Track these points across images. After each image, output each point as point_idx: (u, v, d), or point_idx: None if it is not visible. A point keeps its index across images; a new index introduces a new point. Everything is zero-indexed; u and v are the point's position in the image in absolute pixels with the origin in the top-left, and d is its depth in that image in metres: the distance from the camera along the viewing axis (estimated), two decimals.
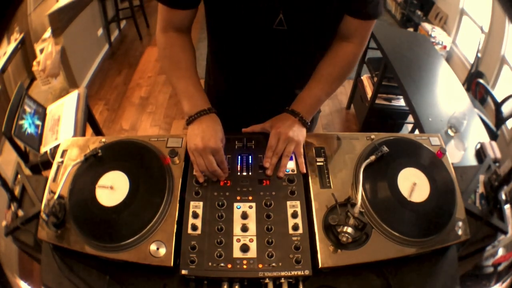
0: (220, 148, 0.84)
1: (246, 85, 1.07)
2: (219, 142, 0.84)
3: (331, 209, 0.81)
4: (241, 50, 0.97)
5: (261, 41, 0.91)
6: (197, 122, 0.86)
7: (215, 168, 0.83)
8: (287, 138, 0.88)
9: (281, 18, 0.84)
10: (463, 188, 0.94)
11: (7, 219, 0.92)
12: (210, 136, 0.83)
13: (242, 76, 1.05)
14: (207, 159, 0.82)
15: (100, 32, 3.51)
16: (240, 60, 1.01)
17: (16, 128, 1.41)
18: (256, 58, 0.97)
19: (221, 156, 0.84)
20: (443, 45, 3.24)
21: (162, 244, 0.76)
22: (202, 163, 0.83)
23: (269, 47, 0.92)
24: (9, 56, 2.05)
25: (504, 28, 2.41)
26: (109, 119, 2.90)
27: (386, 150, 0.87)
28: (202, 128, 0.85)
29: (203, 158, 0.83)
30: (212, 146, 0.82)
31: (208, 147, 0.82)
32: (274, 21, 0.84)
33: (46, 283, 0.81)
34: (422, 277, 0.81)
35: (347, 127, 2.93)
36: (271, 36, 0.88)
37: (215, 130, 0.85)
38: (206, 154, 0.82)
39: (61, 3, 2.66)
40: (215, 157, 0.83)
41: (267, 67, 0.99)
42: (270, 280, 0.74)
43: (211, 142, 0.82)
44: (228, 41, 0.97)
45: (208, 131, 0.84)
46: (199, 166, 0.84)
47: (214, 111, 0.88)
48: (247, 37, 0.91)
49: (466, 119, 1.66)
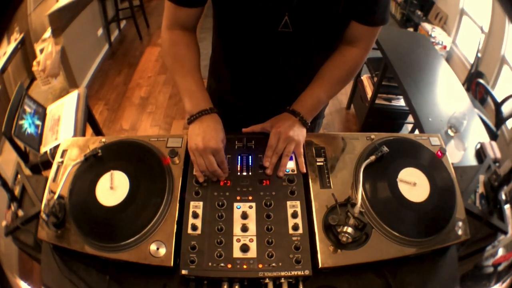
0: (221, 148, 0.84)
1: (248, 84, 1.08)
2: (220, 142, 0.84)
3: (331, 209, 0.81)
4: (246, 50, 0.97)
5: (266, 42, 0.91)
6: (198, 122, 0.86)
7: (215, 168, 0.83)
8: (287, 138, 0.88)
9: (286, 20, 0.84)
10: (463, 188, 0.94)
11: (7, 219, 0.92)
12: (211, 136, 0.83)
13: (244, 75, 1.06)
14: (208, 159, 0.82)
15: (100, 32, 3.51)
16: (243, 60, 1.01)
17: (16, 128, 1.41)
18: (259, 59, 0.98)
19: (222, 156, 0.84)
20: (443, 45, 3.24)
21: (162, 244, 0.76)
22: (203, 163, 0.83)
23: (273, 48, 0.92)
24: (9, 56, 2.05)
25: (504, 28, 2.41)
26: (109, 119, 2.90)
27: (386, 150, 0.87)
28: (203, 128, 0.85)
29: (203, 158, 0.83)
30: (213, 146, 0.82)
31: (208, 147, 0.82)
32: (280, 23, 0.85)
33: (46, 283, 0.80)
34: (422, 277, 0.81)
35: (347, 127, 2.93)
36: (276, 38, 0.88)
37: (216, 130, 0.85)
38: (206, 154, 0.82)
39: (61, 3, 2.66)
40: (215, 157, 0.83)
41: (270, 67, 0.99)
42: (270, 280, 0.73)
43: (211, 142, 0.82)
44: (234, 42, 0.97)
45: (209, 131, 0.84)
46: (199, 166, 0.84)
47: (216, 111, 0.88)
48: (253, 39, 0.92)
49: (466, 119, 1.66)
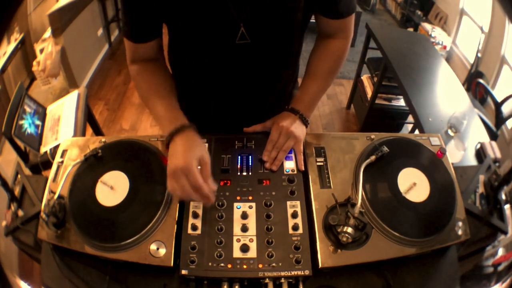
0: (191, 167, 0.70)
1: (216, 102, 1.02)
2: (190, 159, 0.72)
3: (331, 209, 0.81)
4: (206, 68, 0.91)
5: (225, 57, 0.87)
6: (172, 143, 0.78)
7: (189, 193, 0.71)
8: (289, 133, 0.88)
9: (242, 31, 0.80)
10: (463, 188, 0.94)
11: (7, 219, 0.92)
12: (181, 154, 0.73)
13: (208, 94, 1.00)
14: (180, 182, 0.71)
15: (100, 32, 3.51)
16: (205, 78, 0.95)
17: (16, 128, 1.41)
18: (221, 75, 0.93)
19: (193, 177, 0.70)
20: (443, 45, 3.24)
21: (162, 244, 0.76)
22: (176, 188, 0.72)
23: (233, 62, 0.88)
24: (9, 56, 2.05)
25: (504, 28, 2.41)
26: (109, 119, 2.90)
27: (386, 150, 0.87)
28: (176, 148, 0.76)
29: (176, 182, 0.72)
30: (180, 165, 0.71)
31: (177, 168, 0.71)
32: (236, 35, 0.80)
33: (46, 283, 0.80)
34: (422, 277, 0.81)
35: (347, 127, 2.93)
36: (235, 51, 0.84)
37: (189, 147, 0.75)
38: (177, 177, 0.71)
39: (61, 3, 2.66)
40: (188, 178, 0.71)
41: (233, 83, 0.94)
42: (270, 280, 0.73)
43: (179, 160, 0.72)
44: (192, 60, 0.91)
45: (181, 149, 0.74)
46: (173, 192, 0.74)
47: (189, 126, 0.79)
48: (211, 54, 0.87)
49: (466, 119, 1.66)
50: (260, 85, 0.96)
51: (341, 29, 0.91)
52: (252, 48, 0.83)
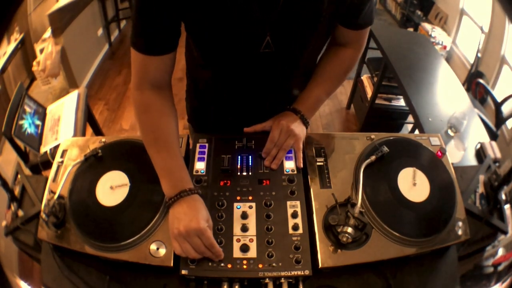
0: (205, 229, 0.73)
1: (232, 106, 1.02)
2: (203, 222, 0.74)
3: (331, 209, 0.81)
4: (226, 75, 0.91)
5: (246, 64, 0.86)
6: (177, 205, 0.77)
7: (203, 251, 0.73)
8: (289, 131, 0.88)
9: (268, 40, 0.79)
10: (463, 188, 0.94)
11: (7, 219, 0.92)
12: (192, 216, 0.74)
13: (226, 99, 1.00)
14: (193, 242, 0.73)
15: (100, 32, 3.50)
16: (225, 85, 0.95)
17: (16, 128, 1.41)
18: (240, 82, 0.92)
19: (208, 238, 0.73)
20: (443, 45, 3.24)
21: (162, 244, 0.76)
22: (189, 248, 0.73)
23: (253, 69, 0.87)
24: (9, 56, 2.05)
25: (504, 28, 2.41)
26: (109, 119, 2.90)
27: (386, 150, 0.87)
28: (184, 210, 0.76)
29: (188, 242, 0.73)
30: (194, 226, 0.73)
31: (191, 229, 0.73)
32: (261, 44, 0.79)
33: (46, 283, 0.80)
34: (422, 277, 0.81)
35: (347, 127, 2.93)
36: (257, 60, 0.83)
37: (198, 210, 0.76)
38: (190, 238, 0.73)
39: (61, 3, 2.66)
40: (201, 239, 0.73)
41: (248, 87, 0.94)
42: (270, 280, 0.73)
43: (193, 223, 0.73)
44: (214, 68, 0.90)
45: (189, 212, 0.75)
46: (187, 253, 0.73)
47: (196, 191, 0.79)
48: (233, 63, 0.86)
49: (466, 119, 1.66)
50: (272, 91, 0.96)
51: (356, 40, 0.91)
52: (274, 57, 0.82)
